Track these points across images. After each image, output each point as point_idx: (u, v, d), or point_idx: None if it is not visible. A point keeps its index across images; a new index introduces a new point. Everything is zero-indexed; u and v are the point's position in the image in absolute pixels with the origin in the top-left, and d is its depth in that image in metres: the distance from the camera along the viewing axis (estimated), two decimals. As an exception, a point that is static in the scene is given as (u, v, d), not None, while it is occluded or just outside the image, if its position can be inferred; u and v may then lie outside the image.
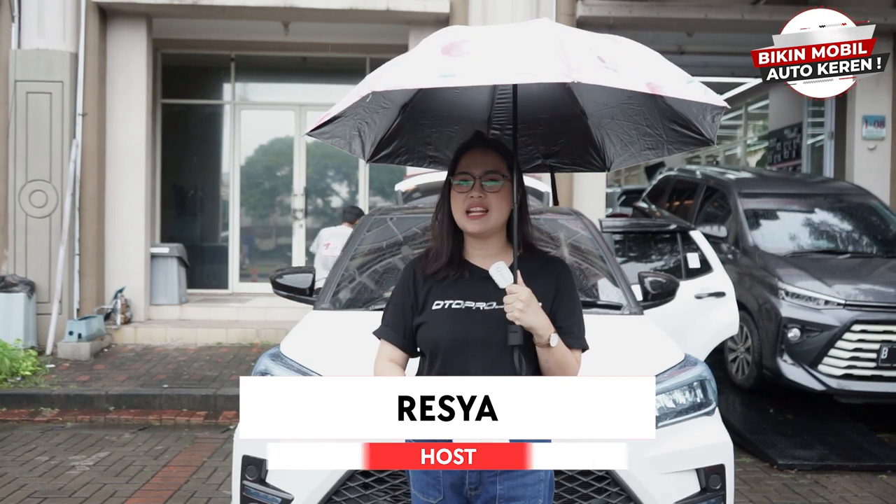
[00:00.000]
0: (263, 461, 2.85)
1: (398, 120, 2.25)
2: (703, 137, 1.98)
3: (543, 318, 1.87)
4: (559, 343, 1.89)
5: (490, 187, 1.95)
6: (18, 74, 7.62)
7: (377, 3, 7.87)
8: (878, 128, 8.82)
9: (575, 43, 1.69)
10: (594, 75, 1.58)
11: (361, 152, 2.29)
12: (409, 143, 2.35)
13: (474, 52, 1.64)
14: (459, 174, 1.98)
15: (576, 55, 1.62)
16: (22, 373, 6.42)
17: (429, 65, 1.64)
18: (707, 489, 2.89)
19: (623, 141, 2.20)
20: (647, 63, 1.77)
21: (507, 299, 1.84)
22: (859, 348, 5.61)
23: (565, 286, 2.01)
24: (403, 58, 1.76)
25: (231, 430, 5.54)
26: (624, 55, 1.74)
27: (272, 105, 10.32)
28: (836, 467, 4.93)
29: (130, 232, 8.14)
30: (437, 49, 1.68)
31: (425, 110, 2.25)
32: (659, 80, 1.69)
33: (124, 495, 4.30)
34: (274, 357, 3.12)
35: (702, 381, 3.05)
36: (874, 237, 6.77)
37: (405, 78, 1.66)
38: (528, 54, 1.62)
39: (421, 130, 2.33)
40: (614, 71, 1.62)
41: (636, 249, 6.15)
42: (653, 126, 2.06)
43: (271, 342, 7.78)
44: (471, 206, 1.94)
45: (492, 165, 1.97)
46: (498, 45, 1.66)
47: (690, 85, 1.76)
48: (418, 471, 1.96)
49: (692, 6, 8.38)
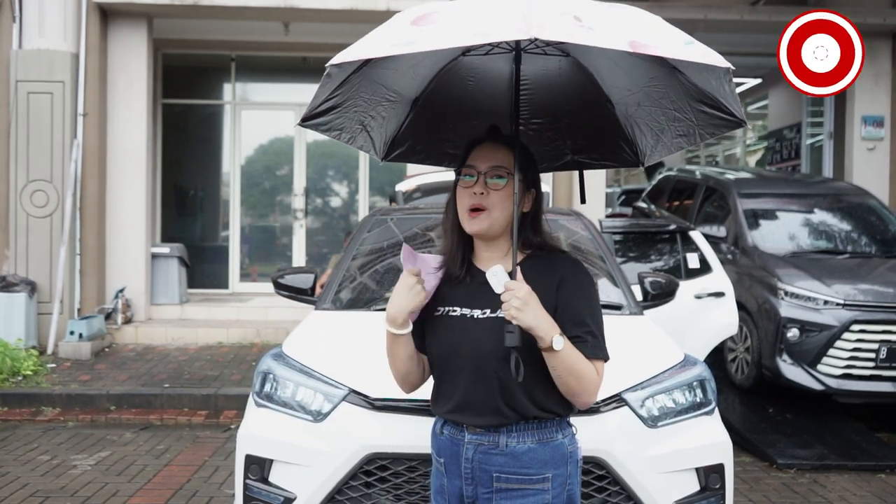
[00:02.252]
0: (266, 460, 2.87)
1: (411, 116, 2.13)
2: (735, 118, 1.80)
3: (545, 317, 1.71)
4: (567, 347, 1.73)
5: (493, 184, 1.83)
6: (19, 74, 7.64)
7: (377, 4, 7.89)
8: (877, 128, 8.84)
9: (548, 4, 1.57)
10: (560, 32, 1.47)
11: (373, 149, 2.16)
12: (426, 140, 2.22)
13: (441, 21, 1.57)
14: (465, 168, 1.88)
15: (543, 14, 1.51)
16: (23, 372, 6.44)
17: (392, 35, 1.58)
18: (706, 488, 2.90)
19: (653, 130, 2.03)
20: (636, 23, 1.62)
21: (504, 296, 1.71)
22: (858, 348, 5.63)
23: (572, 282, 1.83)
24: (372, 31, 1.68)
25: (232, 429, 5.55)
26: (609, 15, 1.60)
27: (272, 105, 10.34)
28: (835, 466, 4.95)
29: (131, 232, 8.15)
30: (406, 21, 1.62)
31: (440, 105, 2.11)
32: (646, 38, 1.53)
33: (126, 494, 4.32)
34: (276, 357, 3.13)
35: (701, 380, 3.07)
36: (873, 237, 6.79)
37: (364, 49, 1.60)
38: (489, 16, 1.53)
39: (438, 127, 2.19)
40: (590, 29, 1.50)
41: (636, 250, 6.17)
42: (681, 110, 1.89)
43: (272, 342, 7.79)
44: (472, 205, 1.84)
45: (499, 161, 1.85)
46: (465, 12, 1.58)
47: (690, 46, 1.62)
48: (434, 474, 1.96)
49: (691, 7, 8.40)
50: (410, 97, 2.09)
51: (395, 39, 1.56)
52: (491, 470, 1.83)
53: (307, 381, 2.95)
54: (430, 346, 1.91)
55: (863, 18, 8.48)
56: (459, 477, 1.87)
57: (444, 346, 1.86)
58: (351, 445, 2.75)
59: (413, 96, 2.09)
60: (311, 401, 2.89)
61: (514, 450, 1.82)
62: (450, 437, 1.89)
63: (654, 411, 2.90)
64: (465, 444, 1.85)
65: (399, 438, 2.72)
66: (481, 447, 1.84)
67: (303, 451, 2.82)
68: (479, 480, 1.84)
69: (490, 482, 1.83)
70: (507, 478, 1.82)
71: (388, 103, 2.05)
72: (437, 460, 1.94)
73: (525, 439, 1.83)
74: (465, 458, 1.85)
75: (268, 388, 3.02)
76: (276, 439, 2.88)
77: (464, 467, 1.86)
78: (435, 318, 1.89)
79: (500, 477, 1.82)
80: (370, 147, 2.15)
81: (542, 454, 1.83)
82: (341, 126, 2.00)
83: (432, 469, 1.99)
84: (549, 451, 1.84)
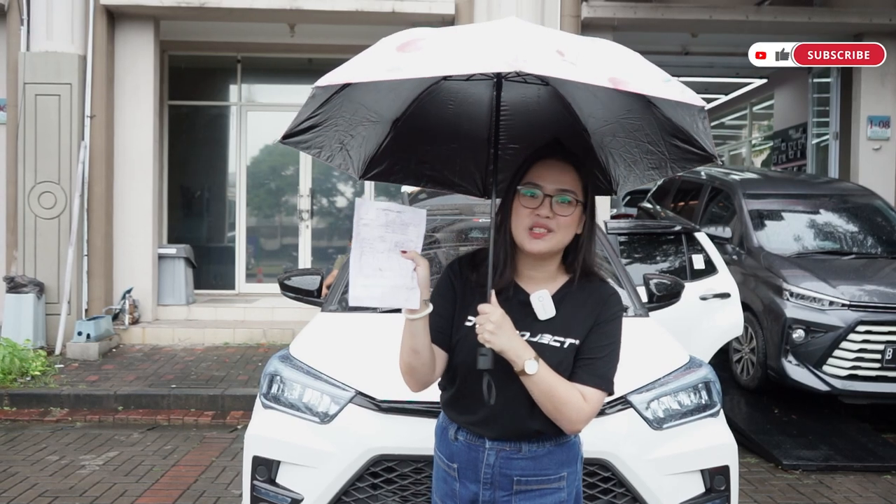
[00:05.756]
0: (273, 461, 2.89)
1: (390, 136, 2.13)
2: (706, 153, 1.80)
3: (518, 341, 1.72)
4: (543, 371, 1.72)
5: (560, 208, 1.79)
6: (27, 77, 7.68)
7: (383, 5, 7.90)
8: (883, 128, 8.82)
9: (534, 38, 1.59)
10: (544, 66, 1.47)
11: (351, 167, 2.15)
12: (403, 160, 2.21)
13: (427, 49, 1.57)
14: (529, 184, 1.81)
15: (528, 47, 1.53)
16: (31, 373, 6.47)
17: (378, 61, 1.59)
18: (712, 490, 2.92)
19: (626, 161, 2.06)
20: (617, 60, 1.63)
21: (478, 319, 1.71)
22: (864, 349, 5.62)
23: (606, 321, 1.83)
24: (358, 56, 1.69)
25: (239, 429, 5.58)
26: (592, 52, 1.61)
27: (278, 106, 10.36)
28: (841, 468, 4.95)
29: (138, 233, 8.20)
30: (392, 47, 1.62)
31: (420, 126, 2.11)
32: (626, 76, 1.54)
33: (134, 494, 4.34)
34: (283, 359, 3.16)
35: (707, 382, 3.08)
36: (879, 238, 6.77)
37: (349, 73, 1.60)
38: (476, 47, 1.55)
39: (416, 147, 2.18)
40: (573, 64, 1.51)
41: (641, 251, 6.17)
42: (654, 143, 1.92)
43: (278, 342, 7.82)
44: (536, 224, 1.78)
45: (567, 184, 1.80)
46: (452, 42, 1.60)
47: (668, 84, 1.62)
48: (440, 478, 1.95)
49: (697, 7, 8.40)
50: (390, 118, 2.09)
51: (381, 65, 1.56)
52: (512, 474, 1.84)
53: (314, 383, 2.97)
54: (458, 353, 1.86)
55: (869, 19, 8.47)
56: (476, 482, 1.86)
57: (472, 362, 1.78)
58: (358, 447, 2.77)
59: (393, 117, 2.09)
60: (318, 402, 2.92)
61: (536, 453, 1.85)
62: (467, 443, 1.88)
63: (660, 413, 2.91)
64: (487, 450, 1.85)
65: (405, 440, 2.74)
66: (503, 453, 1.85)
67: (310, 453, 2.84)
68: (499, 484, 1.85)
69: (510, 485, 1.85)
70: (526, 480, 1.85)
71: (369, 123, 2.05)
72: (449, 465, 1.92)
73: (545, 443, 1.86)
74: (486, 464, 1.85)
75: (275, 390, 3.04)
76: (284, 441, 2.90)
77: (483, 472, 1.85)
78: (466, 329, 1.84)
79: (520, 480, 1.85)
80: (349, 165, 2.15)
81: (559, 455, 1.87)
82: (321, 144, 2.01)
83: (436, 473, 1.98)
84: (565, 452, 1.88)
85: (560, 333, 1.82)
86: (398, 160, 2.20)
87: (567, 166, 1.83)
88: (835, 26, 8.62)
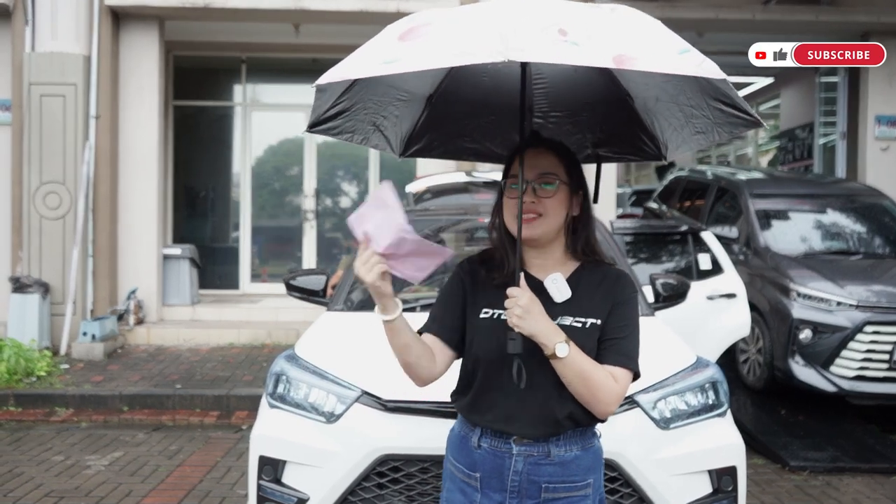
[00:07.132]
0: (279, 461, 2.88)
1: (426, 113, 2.13)
2: (752, 118, 1.73)
3: (547, 324, 1.71)
4: (574, 353, 1.71)
5: (544, 191, 1.81)
6: (32, 77, 7.69)
7: (388, 5, 7.90)
8: (890, 128, 8.78)
9: (534, 17, 1.52)
10: (539, 52, 1.44)
11: (389, 147, 2.16)
12: (443, 135, 2.22)
13: (427, 36, 1.54)
14: (511, 177, 1.84)
15: (526, 32, 1.47)
16: (37, 373, 6.48)
17: (377, 53, 1.56)
18: (719, 490, 2.90)
19: (672, 125, 2.00)
20: (628, 33, 1.56)
21: (507, 303, 1.70)
22: (871, 350, 5.60)
23: (623, 302, 1.84)
24: (362, 46, 1.66)
25: (244, 430, 5.57)
26: (600, 26, 1.55)
27: (283, 106, 10.37)
28: (849, 469, 4.92)
29: (143, 233, 8.20)
30: (393, 36, 1.59)
31: (455, 100, 2.09)
32: (634, 51, 1.48)
33: (140, 494, 4.34)
34: (289, 358, 3.15)
35: (714, 382, 3.06)
36: (886, 238, 6.74)
37: (347, 69, 1.58)
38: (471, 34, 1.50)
39: (454, 122, 2.18)
40: (575, 45, 1.46)
41: (647, 251, 6.15)
42: (698, 107, 1.85)
43: (282, 343, 7.81)
44: (524, 210, 1.79)
45: (547, 167, 1.83)
46: (451, 27, 1.56)
47: (683, 56, 1.55)
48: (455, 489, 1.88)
49: (703, 6, 8.37)
50: (424, 94, 2.09)
51: (380, 57, 1.54)
52: (540, 481, 1.80)
53: (320, 383, 2.96)
54: (474, 348, 1.83)
55: (876, 17, 8.43)
56: (502, 491, 1.81)
57: (492, 351, 1.78)
58: (364, 447, 2.76)
59: (427, 94, 2.09)
60: (323, 402, 2.91)
61: (563, 458, 1.81)
62: (491, 450, 1.82)
63: (667, 413, 2.90)
64: (514, 456, 1.80)
65: (412, 440, 2.73)
66: (531, 458, 1.80)
67: (316, 453, 2.83)
68: (527, 492, 1.80)
69: (538, 493, 1.80)
70: (555, 487, 1.80)
71: (400, 102, 2.06)
72: (470, 475, 1.85)
73: (571, 447, 1.82)
74: (514, 472, 1.80)
75: (281, 390, 3.03)
76: (290, 440, 2.89)
77: (511, 480, 1.80)
78: (481, 321, 1.84)
79: (548, 487, 1.80)
80: (386, 145, 2.16)
81: (585, 460, 1.84)
82: (352, 129, 2.02)
83: (450, 485, 1.90)
84: (591, 457, 1.86)
85: (580, 314, 1.81)
86: (437, 136, 2.22)
87: (546, 151, 1.85)
88: (842, 25, 8.58)
